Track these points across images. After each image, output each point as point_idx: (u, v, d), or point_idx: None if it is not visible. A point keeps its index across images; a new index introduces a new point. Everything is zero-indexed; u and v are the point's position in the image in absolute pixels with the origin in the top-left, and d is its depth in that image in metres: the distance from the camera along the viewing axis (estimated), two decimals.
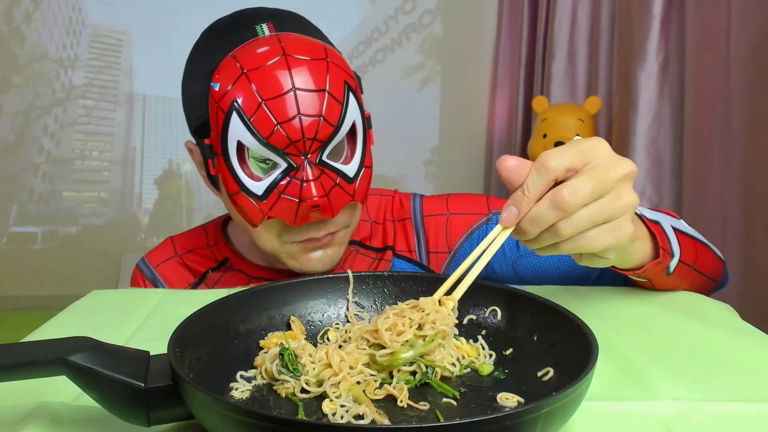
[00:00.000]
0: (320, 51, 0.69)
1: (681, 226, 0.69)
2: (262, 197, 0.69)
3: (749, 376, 0.51)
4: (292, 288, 0.58)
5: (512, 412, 0.35)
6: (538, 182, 0.48)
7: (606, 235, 0.50)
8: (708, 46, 1.78)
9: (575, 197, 0.47)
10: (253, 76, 0.66)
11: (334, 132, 0.68)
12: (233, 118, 0.67)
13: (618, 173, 0.49)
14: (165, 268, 0.88)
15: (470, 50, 3.03)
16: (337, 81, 0.69)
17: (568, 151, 0.48)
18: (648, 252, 0.62)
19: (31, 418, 0.44)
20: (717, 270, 0.75)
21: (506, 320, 0.55)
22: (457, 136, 3.13)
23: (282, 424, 0.35)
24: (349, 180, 0.71)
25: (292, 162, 0.68)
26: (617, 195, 0.49)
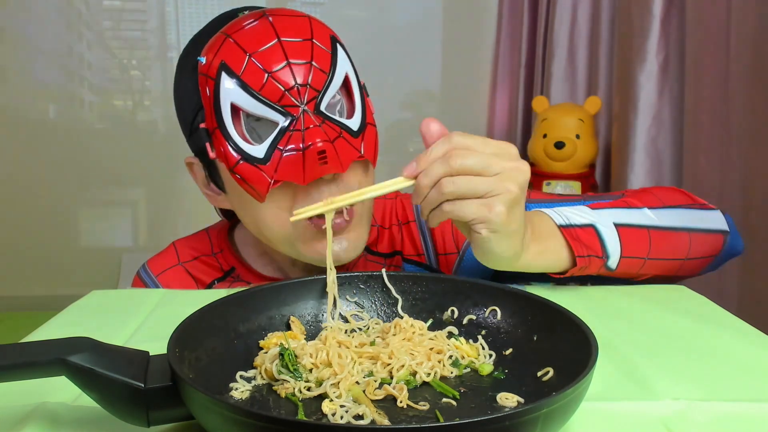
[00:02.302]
0: (303, 15, 0.70)
1: (633, 218, 0.70)
2: (264, 160, 0.65)
3: (749, 376, 0.51)
4: (292, 288, 0.58)
5: (512, 412, 0.35)
6: (440, 149, 0.54)
7: (477, 208, 0.54)
8: (708, 46, 1.78)
9: (463, 159, 0.53)
10: (237, 36, 0.66)
11: (328, 80, 0.67)
12: (223, 78, 0.65)
13: (509, 164, 0.54)
14: (167, 277, 0.83)
15: (470, 50, 3.03)
16: (322, 33, 0.69)
17: (478, 138, 0.55)
18: (565, 260, 0.66)
19: (31, 418, 0.44)
20: (701, 247, 0.75)
21: (506, 320, 0.55)
22: None
23: (282, 424, 0.35)
24: (353, 133, 0.68)
25: (289, 114, 0.65)
26: (500, 179, 0.54)
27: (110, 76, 3.19)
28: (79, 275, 3.03)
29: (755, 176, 1.58)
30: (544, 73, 2.64)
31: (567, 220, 0.67)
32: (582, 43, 2.54)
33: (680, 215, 0.74)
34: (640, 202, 0.73)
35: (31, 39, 3.05)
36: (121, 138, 3.13)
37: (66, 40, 3.06)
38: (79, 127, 3.11)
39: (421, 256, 0.83)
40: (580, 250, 0.65)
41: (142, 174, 3.14)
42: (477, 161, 0.53)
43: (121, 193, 3.15)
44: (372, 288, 0.60)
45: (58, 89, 3.09)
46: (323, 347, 0.49)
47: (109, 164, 3.10)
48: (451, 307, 0.58)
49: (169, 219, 3.15)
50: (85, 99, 3.18)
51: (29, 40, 3.05)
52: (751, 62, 1.60)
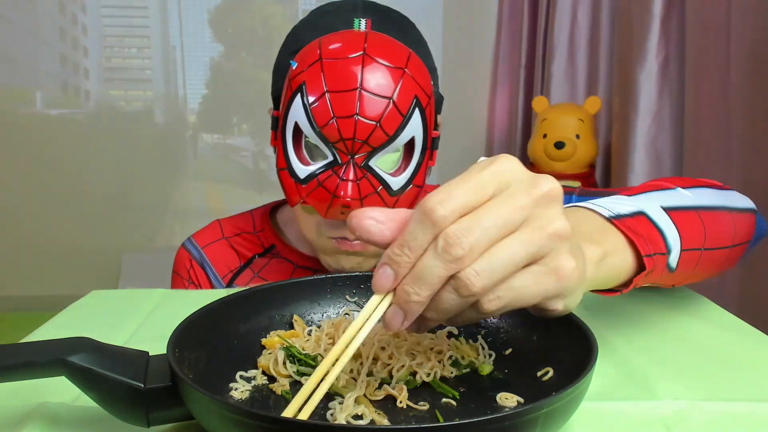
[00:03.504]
0: (402, 59, 0.69)
1: (677, 199, 0.56)
2: (303, 181, 0.70)
3: (749, 375, 0.51)
4: (292, 288, 0.58)
5: (512, 412, 0.35)
6: (421, 237, 0.34)
7: (538, 280, 0.36)
8: (708, 46, 1.78)
9: (465, 240, 0.33)
10: (327, 65, 0.67)
11: (388, 141, 0.68)
12: (297, 99, 0.68)
13: (531, 196, 0.35)
14: (212, 250, 0.87)
15: (470, 50, 3.03)
16: (407, 93, 0.68)
17: (461, 189, 0.35)
18: (628, 262, 0.47)
19: (30, 418, 0.44)
20: (743, 229, 0.63)
21: (506, 320, 0.55)
22: (457, 136, 3.13)
23: (282, 424, 0.34)
24: (391, 192, 0.70)
25: (338, 157, 0.69)
26: (538, 225, 0.35)
27: (109, 64, 3.14)
28: (79, 275, 3.03)
29: (755, 176, 1.58)
30: (544, 73, 2.64)
31: (612, 211, 0.48)
32: (582, 43, 2.54)
33: (711, 194, 0.61)
34: (669, 183, 0.59)
35: (17, 20, 2.96)
36: (120, 132, 3.11)
37: (58, 23, 3.00)
38: (74, 119, 3.08)
39: None
40: (644, 246, 0.47)
41: (142, 170, 3.14)
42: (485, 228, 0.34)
43: (120, 191, 3.15)
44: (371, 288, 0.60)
45: (49, 77, 3.02)
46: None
47: (106, 160, 3.09)
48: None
49: (169, 219, 3.14)
50: (81, 87, 3.15)
51: (14, 22, 2.97)
52: (751, 62, 1.60)
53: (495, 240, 0.34)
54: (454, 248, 0.33)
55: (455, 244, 0.33)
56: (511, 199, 0.35)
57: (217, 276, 0.85)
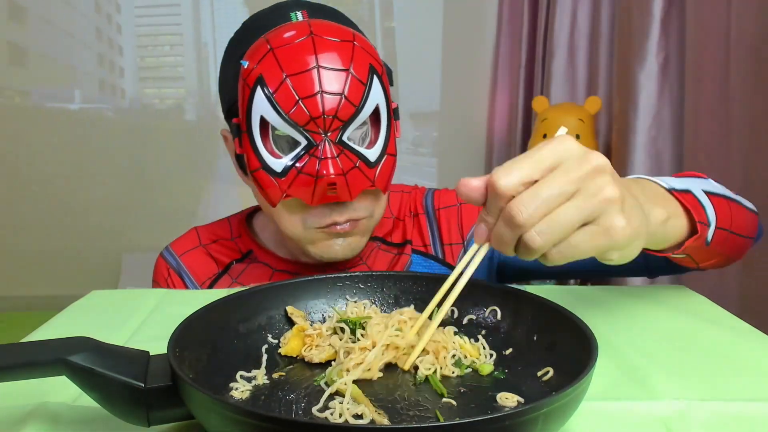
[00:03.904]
0: (348, 35, 0.71)
1: (712, 187, 0.65)
2: (281, 174, 0.70)
3: (749, 375, 0.52)
4: (292, 288, 0.58)
5: (512, 412, 0.35)
6: (493, 206, 0.43)
7: (593, 238, 0.43)
8: (708, 46, 1.78)
9: (525, 210, 0.41)
10: (280, 53, 0.68)
11: (356, 112, 0.69)
12: (257, 92, 0.68)
13: (583, 169, 0.42)
14: (189, 258, 0.87)
15: (470, 50, 3.03)
16: (362, 63, 0.69)
17: (522, 164, 0.42)
18: (684, 227, 0.58)
19: (31, 418, 0.45)
20: (752, 225, 0.72)
21: (506, 320, 0.55)
22: (457, 136, 3.13)
23: (282, 424, 0.35)
24: (369, 164, 0.71)
25: (311, 139, 0.69)
26: (590, 193, 0.42)
27: (144, 63, 3.15)
28: (79, 275, 3.03)
29: (755, 176, 1.58)
30: (544, 73, 2.64)
31: (668, 184, 0.58)
32: (582, 43, 2.54)
33: (730, 193, 0.69)
34: (701, 175, 0.69)
35: (56, 21, 3.01)
36: (150, 130, 3.12)
37: (95, 23, 3.03)
38: (104, 117, 3.09)
39: (427, 247, 0.86)
40: (697, 215, 0.58)
41: (172, 167, 3.14)
42: (543, 199, 0.41)
43: (123, 191, 3.15)
44: (372, 288, 0.60)
45: (84, 75, 3.06)
46: None
47: (134, 157, 3.10)
48: (451, 307, 0.58)
49: (169, 218, 3.14)
50: (117, 86, 3.18)
51: (53, 22, 3.01)
52: (751, 62, 1.60)
53: (552, 208, 0.41)
54: (515, 218, 0.42)
55: (516, 214, 0.41)
56: (565, 173, 0.42)
57: (195, 284, 0.85)
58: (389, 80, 0.75)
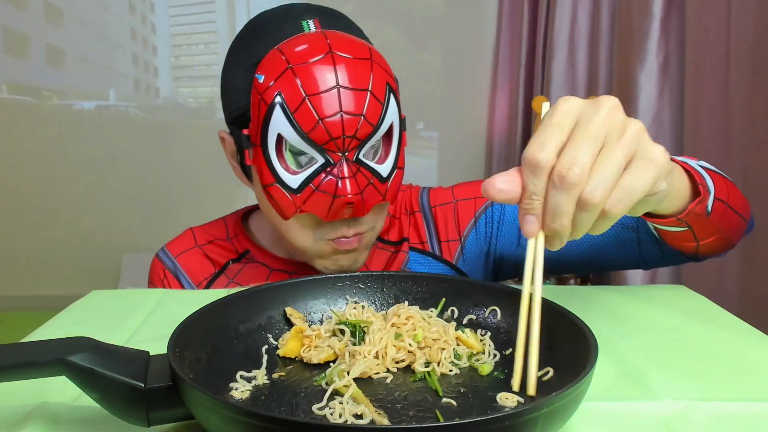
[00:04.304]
0: (365, 51, 0.70)
1: (709, 166, 0.67)
2: (297, 191, 0.69)
3: (749, 376, 0.52)
4: (292, 288, 0.58)
5: (512, 412, 0.35)
6: (539, 183, 0.43)
7: (644, 172, 0.43)
8: (708, 46, 1.78)
9: (576, 167, 0.41)
10: (299, 71, 0.67)
11: (373, 131, 0.69)
12: (276, 111, 0.67)
13: (601, 114, 0.43)
14: (185, 259, 0.87)
15: (470, 50, 3.03)
16: (380, 81, 0.69)
17: (547, 134, 0.43)
18: (686, 189, 0.59)
19: (31, 418, 0.45)
20: (747, 208, 0.73)
21: (506, 320, 0.55)
22: (458, 135, 3.14)
23: (282, 424, 0.35)
24: (381, 180, 0.72)
25: (329, 158, 0.69)
26: (618, 132, 0.43)
27: (178, 63, 3.17)
28: (79, 275, 3.04)
29: (755, 176, 1.58)
30: (544, 73, 2.64)
31: (667, 155, 0.57)
32: (582, 43, 2.54)
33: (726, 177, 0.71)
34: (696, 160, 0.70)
35: (91, 22, 3.05)
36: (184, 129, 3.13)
37: (129, 23, 3.06)
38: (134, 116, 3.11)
39: (424, 244, 0.87)
40: (697, 176, 0.60)
41: (146, 169, 3.14)
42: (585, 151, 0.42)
43: (122, 191, 3.15)
44: (372, 288, 0.60)
45: (121, 76, 3.09)
46: None
47: (107, 157, 3.10)
48: (451, 307, 0.58)
49: (169, 219, 3.15)
50: (152, 85, 3.21)
51: (88, 23, 3.05)
52: (751, 62, 1.60)
53: (593, 158, 0.42)
54: (569, 178, 0.41)
55: (567, 175, 0.41)
56: (588, 123, 0.43)
57: (192, 284, 0.85)
58: (398, 90, 0.75)
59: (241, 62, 0.74)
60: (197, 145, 3.10)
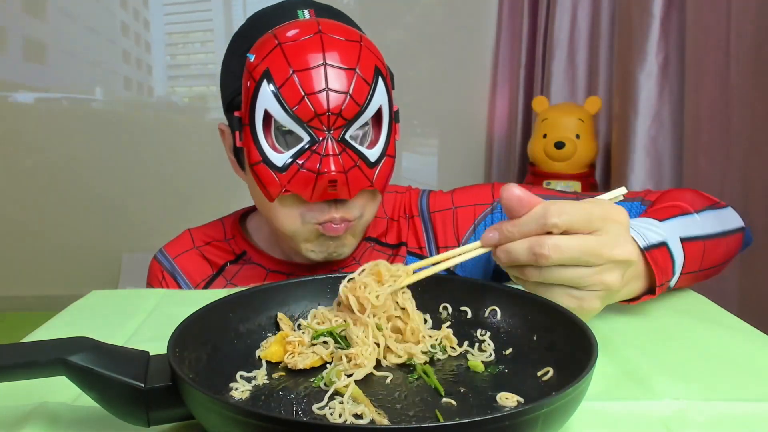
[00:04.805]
0: (355, 35, 0.71)
1: (692, 229, 0.66)
2: (282, 169, 0.70)
3: (749, 375, 0.51)
4: (292, 288, 0.58)
5: (512, 412, 0.35)
6: (532, 226, 0.48)
7: (568, 300, 0.50)
8: (708, 46, 1.78)
9: (554, 255, 0.47)
10: (287, 48, 0.68)
11: (360, 111, 0.69)
12: (263, 85, 0.68)
13: (613, 255, 0.48)
14: (183, 260, 0.87)
15: (470, 50, 3.03)
16: (368, 63, 0.70)
17: (579, 214, 0.48)
18: (642, 287, 0.60)
19: (31, 418, 0.45)
20: (732, 250, 0.74)
21: (506, 320, 0.55)
22: (457, 136, 3.13)
23: (282, 424, 0.35)
24: (369, 164, 0.71)
25: (314, 136, 0.69)
26: (599, 272, 0.49)
27: (174, 62, 3.13)
28: (79, 275, 3.03)
29: (755, 176, 1.58)
30: (544, 73, 2.64)
31: (646, 241, 0.59)
32: (582, 43, 2.54)
33: (714, 219, 0.71)
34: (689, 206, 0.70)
35: (77, 15, 2.97)
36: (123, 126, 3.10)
37: (119, 17, 3.00)
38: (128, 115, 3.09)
39: (422, 249, 0.87)
40: (660, 277, 0.59)
41: (146, 169, 3.14)
42: (577, 257, 0.48)
43: (122, 190, 3.15)
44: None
45: (110, 73, 3.03)
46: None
47: (107, 157, 3.08)
48: (451, 307, 0.58)
49: (171, 219, 3.14)
50: (144, 84, 3.16)
51: (74, 16, 2.97)
52: (751, 62, 1.60)
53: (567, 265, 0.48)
54: (543, 258, 0.48)
55: (546, 256, 0.48)
56: (598, 248, 0.48)
57: (189, 285, 0.85)
58: (392, 83, 0.76)
59: (236, 49, 0.76)
60: (197, 144, 3.10)
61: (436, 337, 0.53)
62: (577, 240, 0.48)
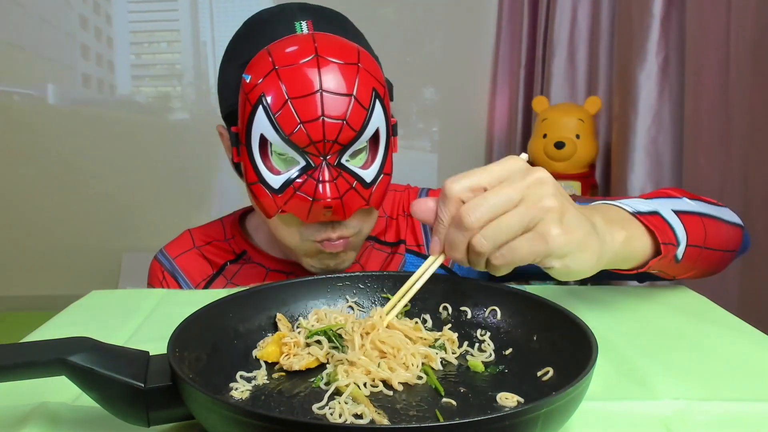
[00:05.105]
0: (353, 55, 0.70)
1: (684, 206, 0.66)
2: (278, 191, 0.70)
3: (749, 376, 0.52)
4: (292, 288, 0.58)
5: (512, 412, 0.35)
6: (446, 210, 0.48)
7: (531, 243, 0.47)
8: (708, 46, 1.78)
9: (473, 213, 0.46)
10: (283, 73, 0.67)
11: (356, 137, 0.69)
12: (259, 111, 0.68)
13: (526, 181, 0.47)
14: (184, 260, 0.87)
15: (470, 50, 3.03)
16: (365, 87, 0.69)
17: (472, 174, 0.48)
18: (648, 248, 0.59)
19: (31, 418, 0.45)
20: (733, 239, 0.73)
21: (506, 320, 0.55)
22: (457, 136, 3.13)
23: (282, 424, 0.35)
24: (365, 185, 0.71)
25: (310, 161, 0.69)
26: (531, 202, 0.47)
27: (139, 61, 3.05)
28: (79, 275, 3.03)
29: (755, 176, 1.58)
30: (544, 73, 2.64)
31: (633, 208, 0.60)
32: (582, 43, 2.54)
33: (708, 207, 0.71)
34: (678, 194, 0.70)
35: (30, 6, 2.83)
36: (143, 129, 3.09)
37: (77, 9, 2.89)
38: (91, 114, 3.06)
39: (420, 247, 0.87)
40: (661, 236, 0.59)
41: (171, 168, 3.14)
42: (490, 205, 0.46)
43: (122, 191, 3.15)
44: (372, 288, 0.60)
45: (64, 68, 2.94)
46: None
47: (107, 156, 3.07)
48: (451, 306, 0.58)
49: (170, 219, 3.14)
50: (105, 81, 3.09)
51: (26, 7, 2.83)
52: (751, 62, 1.60)
53: (498, 214, 0.46)
54: (465, 219, 0.46)
55: (464, 216, 0.46)
56: (510, 183, 0.47)
57: (190, 285, 0.86)
58: (390, 95, 0.75)
59: (233, 59, 0.75)
60: (198, 143, 3.10)
61: (437, 337, 0.53)
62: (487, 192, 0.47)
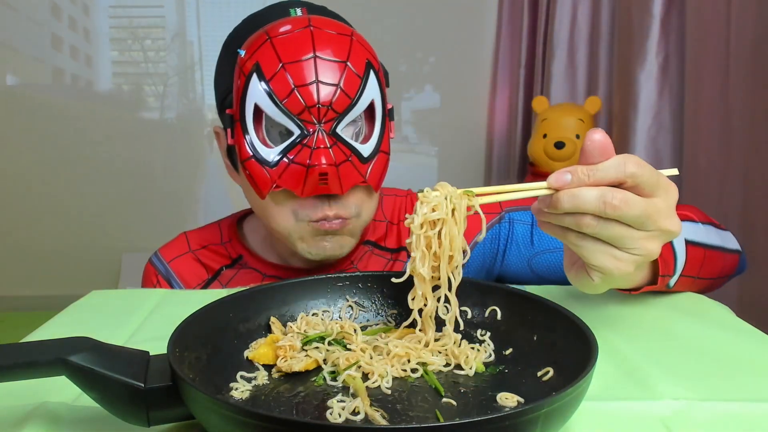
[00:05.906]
0: (346, 30, 0.71)
1: (696, 235, 0.68)
2: (272, 164, 0.69)
3: (749, 376, 0.51)
4: (292, 288, 0.58)
5: (512, 412, 0.35)
6: (608, 173, 0.47)
7: (606, 258, 0.48)
8: (708, 46, 1.78)
9: (623, 208, 0.46)
10: (277, 41, 0.68)
11: (351, 105, 0.69)
12: (253, 79, 0.68)
13: (665, 224, 0.48)
14: (178, 264, 0.86)
15: (470, 50, 3.03)
16: (359, 57, 0.70)
17: (651, 174, 0.48)
18: (646, 277, 0.61)
19: (31, 418, 0.45)
20: (728, 267, 0.75)
21: (506, 320, 0.55)
22: (457, 135, 3.13)
23: (282, 424, 0.35)
24: (362, 159, 0.70)
25: (305, 129, 0.68)
26: (646, 237, 0.48)
27: (122, 58, 3.01)
28: (79, 275, 3.03)
29: (755, 176, 1.58)
30: (544, 73, 2.64)
31: None
32: (582, 43, 2.54)
33: (716, 234, 0.73)
34: (695, 216, 0.72)
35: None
36: (119, 125, 3.08)
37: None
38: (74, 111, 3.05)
39: None
40: (663, 269, 0.60)
41: (156, 168, 3.13)
42: (637, 216, 0.47)
43: (121, 190, 3.15)
44: (372, 288, 0.60)
45: (38, 61, 2.86)
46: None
47: (106, 156, 3.07)
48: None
49: (170, 218, 3.14)
50: (82, 76, 3.01)
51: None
52: (751, 62, 1.60)
53: (628, 224, 0.47)
54: (612, 208, 0.46)
55: (616, 207, 0.46)
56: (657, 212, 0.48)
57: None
58: (386, 81, 0.75)
59: (228, 51, 0.76)
60: (197, 143, 3.10)
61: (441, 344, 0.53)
62: (642, 200, 0.47)
